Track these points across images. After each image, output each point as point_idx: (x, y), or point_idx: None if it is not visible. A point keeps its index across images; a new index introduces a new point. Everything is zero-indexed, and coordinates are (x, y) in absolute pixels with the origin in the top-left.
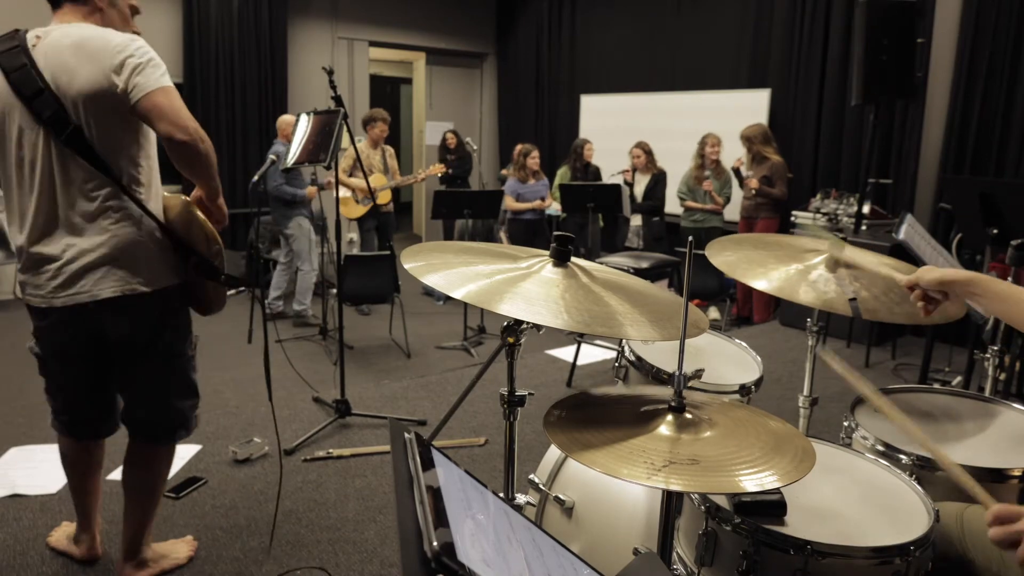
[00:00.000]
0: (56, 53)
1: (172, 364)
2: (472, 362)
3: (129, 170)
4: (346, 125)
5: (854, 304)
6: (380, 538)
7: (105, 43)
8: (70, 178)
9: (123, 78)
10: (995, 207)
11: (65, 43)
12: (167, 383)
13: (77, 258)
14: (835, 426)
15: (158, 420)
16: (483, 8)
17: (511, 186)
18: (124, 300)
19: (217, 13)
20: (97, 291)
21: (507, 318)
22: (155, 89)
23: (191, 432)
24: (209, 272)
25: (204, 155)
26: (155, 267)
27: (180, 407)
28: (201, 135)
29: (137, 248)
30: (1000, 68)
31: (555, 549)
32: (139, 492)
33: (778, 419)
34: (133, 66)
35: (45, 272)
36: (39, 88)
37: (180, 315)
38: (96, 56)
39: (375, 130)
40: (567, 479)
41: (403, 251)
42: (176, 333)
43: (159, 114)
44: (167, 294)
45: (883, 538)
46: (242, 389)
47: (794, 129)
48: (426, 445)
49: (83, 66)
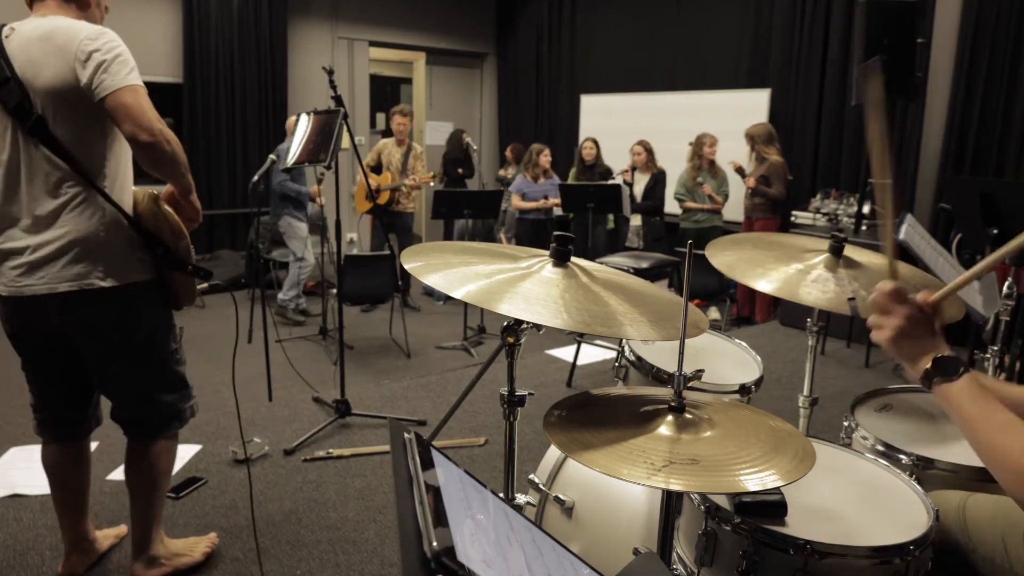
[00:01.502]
0: (25, 45)
1: (152, 359)
2: (472, 362)
3: (95, 163)
4: (346, 125)
5: (853, 304)
6: (380, 538)
7: (72, 35)
8: (34, 170)
9: (87, 73)
10: (995, 207)
11: (35, 35)
12: (149, 379)
13: (38, 249)
14: (835, 426)
15: (146, 416)
16: (483, 8)
17: (519, 184)
18: (81, 295)
19: (217, 13)
20: (55, 284)
21: (507, 318)
22: (121, 88)
23: (186, 422)
24: (174, 264)
25: (170, 155)
26: (118, 262)
27: (167, 401)
28: (167, 136)
29: (99, 242)
30: (1000, 68)
31: (555, 549)
32: (140, 489)
33: (778, 419)
34: (99, 62)
35: (7, 262)
36: (6, 77)
37: (155, 310)
38: (63, 48)
39: (392, 124)
40: (567, 479)
41: (403, 251)
42: (154, 328)
43: (124, 114)
44: (135, 290)
45: (883, 538)
46: (242, 389)
47: (794, 129)
48: (426, 445)
49: (49, 58)
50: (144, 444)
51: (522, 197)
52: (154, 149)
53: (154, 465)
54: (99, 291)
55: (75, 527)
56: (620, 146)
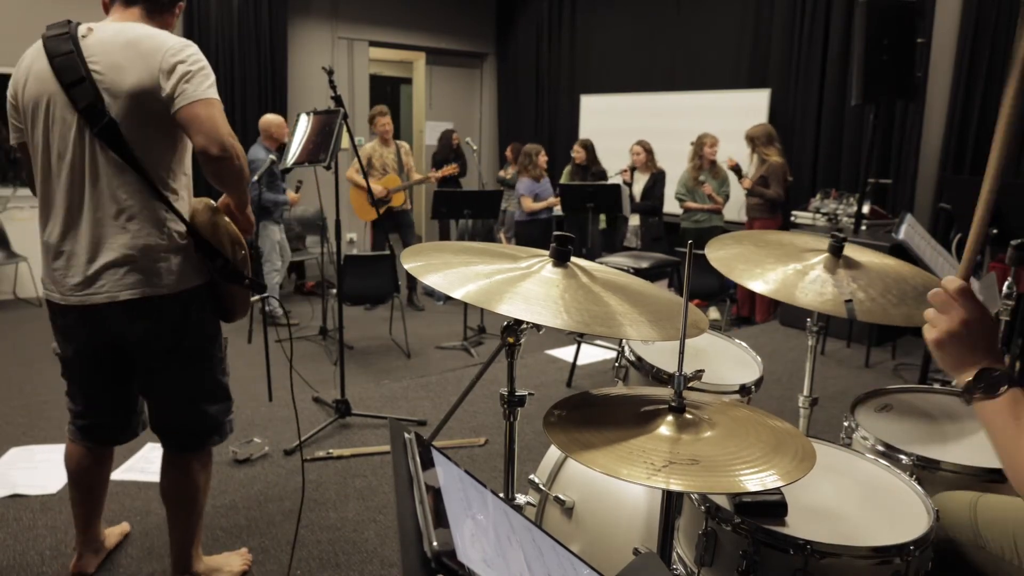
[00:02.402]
0: (107, 48)
1: (199, 367)
2: (472, 362)
3: (161, 172)
4: (346, 125)
5: (849, 306)
6: (380, 538)
7: (159, 44)
8: (98, 173)
9: (171, 83)
10: (995, 207)
11: (119, 39)
12: (194, 387)
13: (97, 257)
14: (835, 426)
15: (188, 427)
16: (483, 8)
17: (527, 187)
18: (143, 303)
19: (217, 13)
20: (115, 292)
21: (507, 318)
22: (198, 100)
23: (225, 438)
24: (233, 277)
25: (237, 171)
26: (177, 269)
27: (210, 412)
28: (237, 151)
29: (159, 251)
30: (1000, 68)
31: (555, 549)
32: (178, 503)
33: (778, 419)
34: (183, 72)
35: (65, 268)
36: (80, 76)
37: (205, 316)
38: (148, 56)
39: (378, 126)
40: (567, 479)
41: (403, 251)
42: (203, 335)
43: (197, 126)
44: (190, 295)
45: (883, 538)
46: (242, 389)
47: (794, 129)
48: (426, 445)
49: (134, 64)
50: (183, 457)
51: (534, 198)
52: (223, 163)
53: (191, 478)
54: (158, 298)
55: (89, 527)
56: (620, 146)
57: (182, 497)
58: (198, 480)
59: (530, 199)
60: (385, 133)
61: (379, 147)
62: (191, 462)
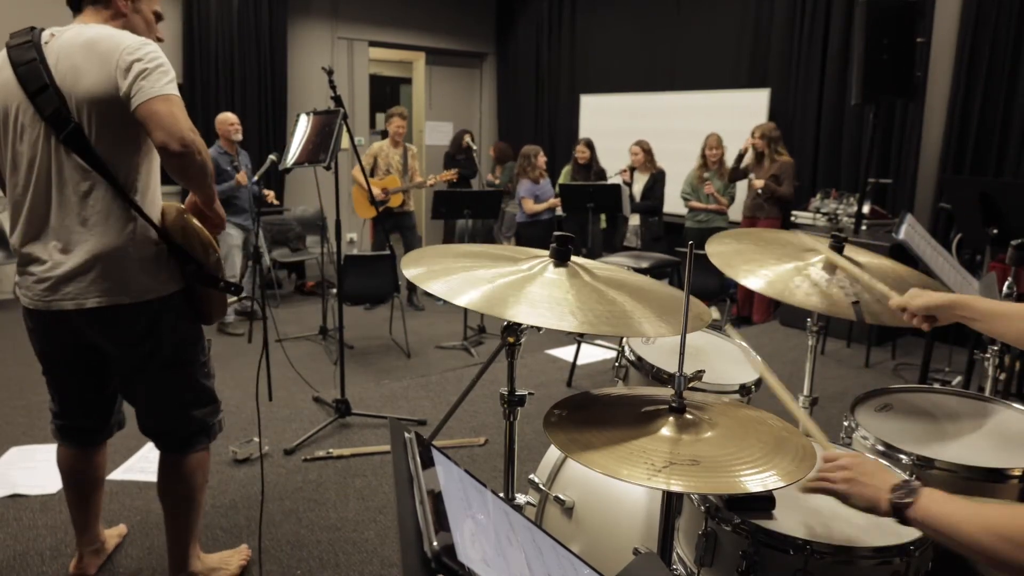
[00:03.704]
0: (67, 51)
1: (181, 373)
2: (472, 362)
3: (127, 174)
4: (346, 125)
5: (857, 307)
6: (380, 538)
7: (116, 44)
8: (64, 179)
9: (127, 81)
10: (995, 207)
11: (77, 42)
12: (177, 393)
13: (64, 262)
14: (835, 426)
15: (173, 430)
16: (483, 8)
17: (528, 188)
18: (110, 311)
19: (217, 13)
20: (82, 299)
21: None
22: (156, 96)
23: (214, 438)
24: (207, 280)
25: (199, 165)
26: (146, 276)
27: (195, 415)
28: (198, 146)
29: (127, 256)
30: (1000, 68)
31: (555, 549)
32: (175, 502)
33: (778, 419)
34: (139, 70)
35: (33, 274)
36: (44, 84)
37: (182, 323)
38: (105, 57)
39: (391, 126)
40: (567, 479)
41: (403, 258)
42: (181, 341)
43: (156, 122)
44: (162, 303)
45: (883, 538)
46: (242, 389)
47: (794, 129)
48: (426, 445)
49: (91, 66)
50: (177, 458)
51: (535, 200)
52: (184, 159)
53: (189, 480)
54: (127, 306)
55: (87, 528)
56: (620, 146)
57: (178, 496)
58: (194, 480)
59: (531, 201)
60: (397, 135)
61: (388, 147)
62: (183, 462)
